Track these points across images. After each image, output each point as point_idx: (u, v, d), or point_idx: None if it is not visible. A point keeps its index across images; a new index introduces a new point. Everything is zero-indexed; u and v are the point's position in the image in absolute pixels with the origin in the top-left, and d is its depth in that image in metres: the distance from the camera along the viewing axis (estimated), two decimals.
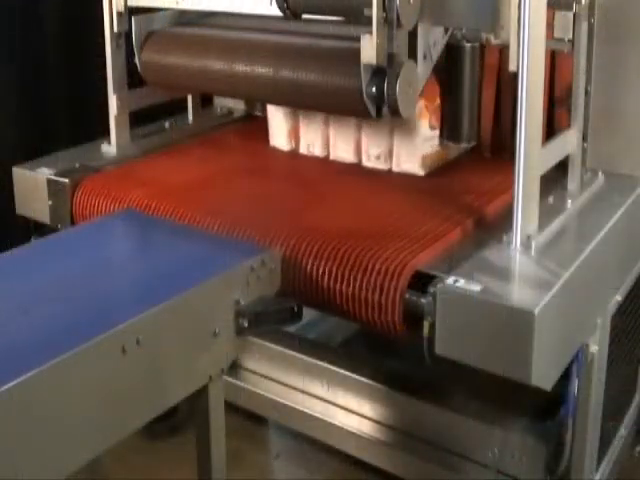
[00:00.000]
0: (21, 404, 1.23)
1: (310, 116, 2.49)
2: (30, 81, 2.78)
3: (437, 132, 2.34)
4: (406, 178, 2.33)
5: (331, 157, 2.50)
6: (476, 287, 1.62)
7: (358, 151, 2.44)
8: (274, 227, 1.95)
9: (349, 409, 2.29)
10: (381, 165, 2.39)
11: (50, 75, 2.84)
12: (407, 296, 1.73)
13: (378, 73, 1.89)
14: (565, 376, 1.85)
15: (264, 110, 2.83)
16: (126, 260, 1.86)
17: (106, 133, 2.55)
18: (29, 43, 2.75)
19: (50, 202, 2.32)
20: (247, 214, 2.07)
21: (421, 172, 2.33)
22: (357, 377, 2.26)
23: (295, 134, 2.55)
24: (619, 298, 2.06)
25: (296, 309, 1.72)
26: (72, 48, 2.85)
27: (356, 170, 2.42)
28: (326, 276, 1.83)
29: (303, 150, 2.54)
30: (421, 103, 2.24)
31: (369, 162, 2.41)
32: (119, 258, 1.86)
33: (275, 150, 2.59)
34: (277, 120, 2.58)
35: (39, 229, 2.36)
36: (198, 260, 1.74)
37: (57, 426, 1.30)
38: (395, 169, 2.37)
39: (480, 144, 2.39)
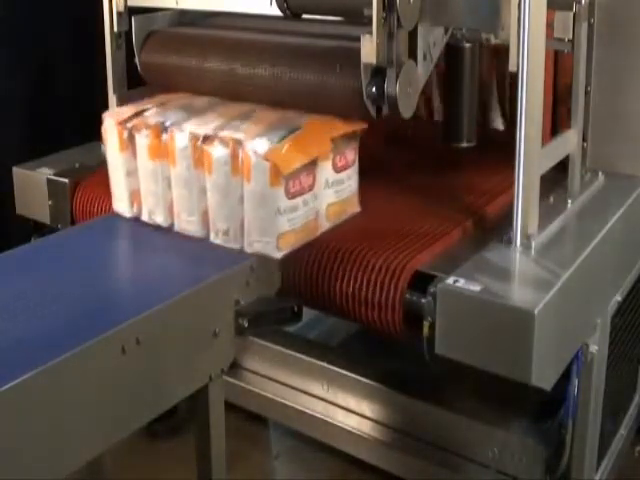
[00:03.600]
0: (21, 404, 1.23)
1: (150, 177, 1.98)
2: (30, 81, 2.78)
3: (298, 201, 1.80)
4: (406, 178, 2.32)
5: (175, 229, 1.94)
6: (476, 287, 1.62)
7: (205, 223, 1.88)
8: None
9: (349, 409, 2.29)
10: (230, 244, 1.82)
11: (50, 75, 2.84)
12: (407, 296, 1.73)
13: (378, 73, 1.89)
14: (565, 376, 1.85)
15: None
16: (126, 260, 1.86)
17: None
18: (29, 43, 2.75)
19: (50, 202, 2.32)
20: None
21: (277, 255, 1.77)
22: (357, 377, 2.26)
23: (137, 198, 2.02)
24: (619, 298, 2.06)
25: (296, 309, 1.72)
26: (72, 48, 2.85)
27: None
28: (326, 276, 1.83)
29: (144, 217, 1.99)
30: (274, 165, 1.72)
31: (217, 238, 1.84)
32: (119, 258, 1.86)
33: None
34: (117, 180, 2.06)
35: (39, 229, 2.36)
36: (198, 260, 1.74)
37: (57, 426, 1.30)
38: (248, 250, 1.80)
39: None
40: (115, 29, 2.44)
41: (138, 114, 1.99)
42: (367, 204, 2.16)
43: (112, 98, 2.50)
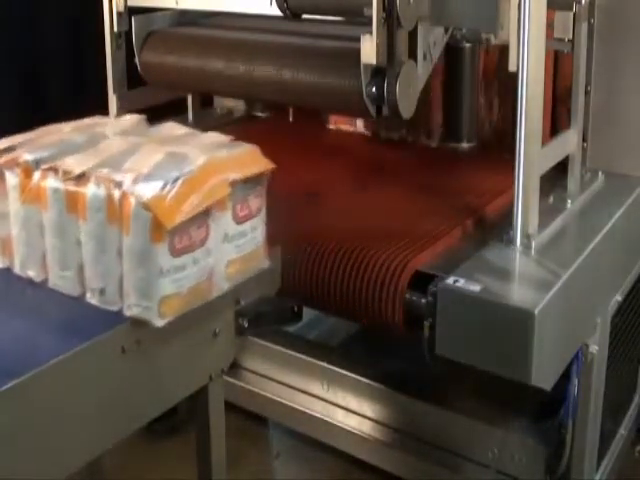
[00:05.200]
0: (21, 404, 1.23)
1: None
2: (30, 81, 2.78)
3: (187, 259, 1.47)
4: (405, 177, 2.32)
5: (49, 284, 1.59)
6: (476, 287, 1.62)
7: (81, 279, 1.55)
8: (274, 227, 1.95)
9: (349, 409, 2.29)
10: (108, 305, 1.49)
11: (50, 75, 2.84)
12: (407, 296, 1.73)
13: (378, 73, 1.89)
14: (565, 376, 1.85)
15: (264, 110, 2.83)
16: None
17: None
18: (29, 43, 2.75)
19: None
20: None
21: (159, 322, 1.44)
22: (357, 377, 2.26)
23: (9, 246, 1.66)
24: (619, 298, 2.06)
25: (296, 309, 1.72)
26: (72, 47, 2.85)
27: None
28: (326, 276, 1.83)
29: (17, 270, 1.62)
30: (156, 217, 1.41)
31: (93, 299, 1.51)
32: None
33: (277, 149, 2.59)
34: None
35: None
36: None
37: (57, 426, 1.30)
38: (127, 313, 1.46)
39: None
40: (115, 29, 2.44)
41: (9, 149, 1.62)
42: (365, 204, 2.17)
43: (112, 98, 2.51)
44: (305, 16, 2.06)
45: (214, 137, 1.64)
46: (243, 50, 2.28)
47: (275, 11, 2.06)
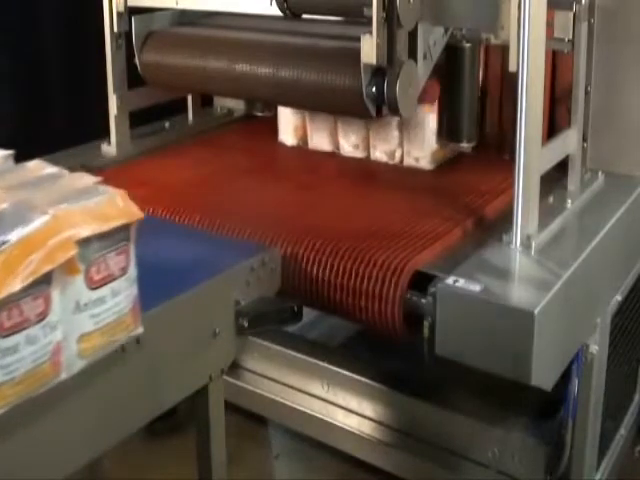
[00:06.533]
0: (21, 403, 1.23)
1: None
2: (30, 81, 2.78)
3: (17, 339, 1.28)
4: (408, 177, 2.32)
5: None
6: (476, 287, 1.62)
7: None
8: (274, 227, 1.95)
9: (349, 409, 2.29)
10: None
11: (50, 75, 2.84)
12: (407, 296, 1.73)
13: (378, 73, 1.89)
14: (565, 376, 1.85)
15: (264, 110, 2.83)
16: None
17: (106, 133, 2.55)
18: (29, 42, 2.75)
19: None
20: (247, 214, 2.07)
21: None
22: (357, 377, 2.26)
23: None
24: (619, 298, 2.06)
25: (296, 309, 1.72)
26: (72, 47, 2.85)
27: (360, 166, 2.41)
28: (326, 276, 1.83)
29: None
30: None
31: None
32: None
33: (277, 149, 2.59)
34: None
35: None
36: (198, 260, 1.74)
37: (57, 426, 1.30)
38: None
39: None
40: (115, 29, 2.44)
41: None
42: (365, 204, 2.17)
43: (112, 98, 2.51)
44: (305, 16, 2.06)
45: (78, 181, 1.36)
46: (243, 50, 2.28)
47: (275, 11, 2.06)
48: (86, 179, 1.36)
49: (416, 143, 2.36)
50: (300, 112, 2.53)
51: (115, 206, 1.29)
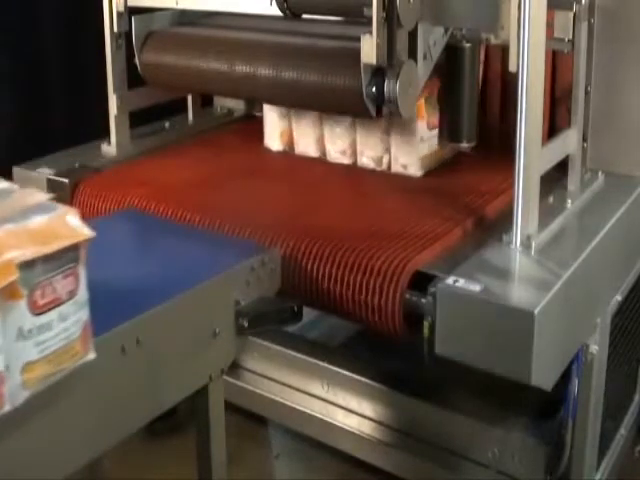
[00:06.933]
0: (20, 404, 1.23)
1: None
2: (30, 81, 2.78)
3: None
4: (405, 178, 2.32)
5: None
6: (476, 287, 1.62)
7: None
8: (274, 227, 1.95)
9: (349, 409, 2.29)
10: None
11: (50, 75, 2.84)
12: (407, 296, 1.73)
13: (378, 73, 1.89)
14: (565, 376, 1.85)
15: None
16: (126, 260, 1.86)
17: (106, 133, 2.55)
18: (29, 42, 2.75)
19: None
20: (247, 214, 2.07)
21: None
22: (357, 377, 2.26)
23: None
24: (619, 298, 2.06)
25: (296, 309, 1.72)
26: (72, 47, 2.85)
27: (354, 171, 2.41)
28: (326, 276, 1.83)
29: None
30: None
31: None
32: (119, 258, 1.86)
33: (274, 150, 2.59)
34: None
35: None
36: (198, 260, 1.74)
37: (57, 426, 1.30)
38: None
39: None
40: (115, 29, 2.44)
41: None
42: (365, 204, 2.17)
43: (112, 98, 2.51)
44: (305, 16, 2.06)
45: (29, 197, 1.27)
46: (243, 50, 2.28)
47: (275, 11, 2.06)
48: (37, 196, 1.27)
49: (404, 149, 2.31)
50: (286, 117, 2.51)
51: (65, 225, 1.21)
